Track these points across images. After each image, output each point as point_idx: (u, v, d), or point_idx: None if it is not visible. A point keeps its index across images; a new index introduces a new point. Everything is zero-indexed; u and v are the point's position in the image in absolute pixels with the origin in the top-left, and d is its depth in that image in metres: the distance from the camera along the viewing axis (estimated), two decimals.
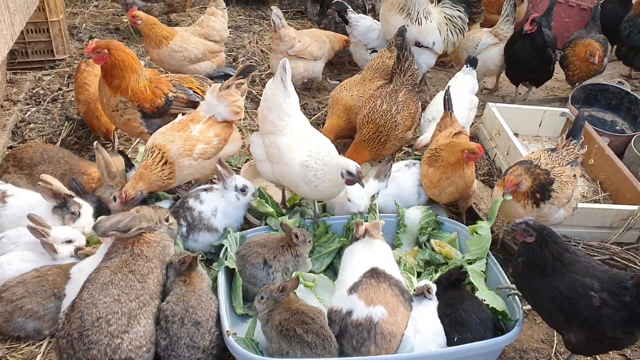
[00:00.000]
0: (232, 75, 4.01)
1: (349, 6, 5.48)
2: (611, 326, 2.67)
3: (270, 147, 3.50)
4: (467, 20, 5.44)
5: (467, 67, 4.72)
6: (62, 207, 3.36)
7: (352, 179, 3.28)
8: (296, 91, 3.55)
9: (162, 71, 4.99)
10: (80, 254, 3.18)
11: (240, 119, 3.96)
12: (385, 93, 4.21)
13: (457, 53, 5.56)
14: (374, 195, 3.71)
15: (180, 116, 3.85)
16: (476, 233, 3.38)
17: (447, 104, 4.05)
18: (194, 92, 4.11)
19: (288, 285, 2.83)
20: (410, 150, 4.82)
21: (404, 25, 4.74)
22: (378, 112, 4.07)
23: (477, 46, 5.45)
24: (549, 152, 3.53)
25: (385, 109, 4.08)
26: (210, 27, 5.13)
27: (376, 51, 5.28)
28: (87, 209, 3.44)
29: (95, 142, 3.67)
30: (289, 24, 5.45)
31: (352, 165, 3.29)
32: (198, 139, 3.64)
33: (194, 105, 4.03)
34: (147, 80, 3.93)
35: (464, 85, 4.59)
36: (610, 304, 2.65)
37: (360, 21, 5.42)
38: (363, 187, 3.39)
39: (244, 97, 3.84)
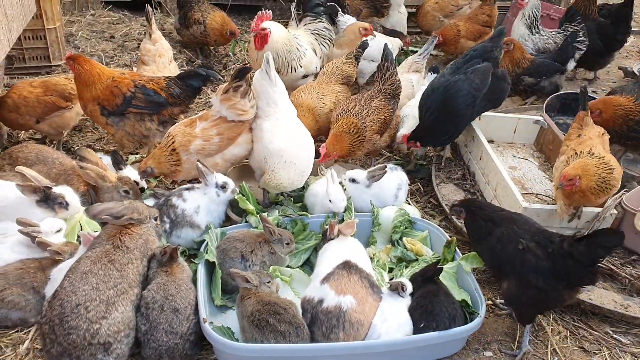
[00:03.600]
0: (201, 75, 4.31)
1: (340, 9, 5.74)
2: (534, 273, 3.02)
3: (255, 129, 3.94)
4: (332, 30, 5.53)
5: (430, 73, 4.97)
6: (46, 200, 3.47)
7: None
8: None
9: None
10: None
11: (248, 119, 3.96)
12: (362, 98, 4.42)
13: None
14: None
15: (201, 112, 4.12)
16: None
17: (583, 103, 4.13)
18: (156, 92, 4.25)
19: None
20: (391, 155, 5.02)
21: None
22: (350, 112, 4.28)
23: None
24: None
25: (358, 110, 4.29)
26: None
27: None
28: (69, 193, 3.55)
29: (75, 162, 3.82)
30: None
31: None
32: (196, 135, 3.89)
33: (155, 105, 4.25)
34: (109, 80, 4.20)
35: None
36: (534, 252, 3.04)
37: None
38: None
39: (248, 97, 3.87)
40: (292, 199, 4.15)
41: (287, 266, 3.55)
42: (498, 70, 4.54)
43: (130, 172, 4.02)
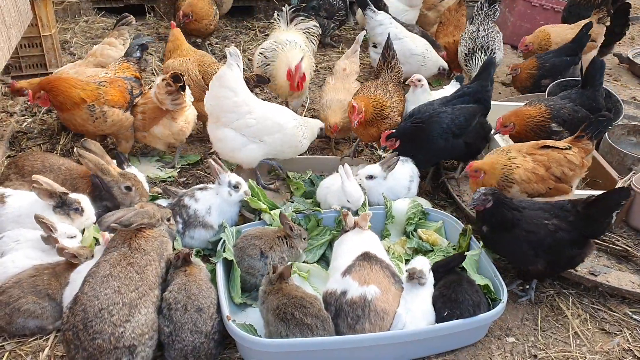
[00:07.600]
0: (140, 44, 4.85)
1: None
2: (570, 247, 3.24)
3: (261, 121, 3.97)
4: (319, 28, 5.62)
5: (454, 81, 5.06)
6: (62, 205, 3.45)
7: (321, 134, 4.38)
8: None
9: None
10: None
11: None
12: (376, 84, 4.52)
13: None
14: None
15: None
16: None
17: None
18: (136, 78, 4.58)
19: (286, 273, 2.97)
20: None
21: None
22: (375, 95, 4.36)
23: None
24: None
25: (380, 93, 4.37)
26: (106, 55, 5.07)
27: (375, 46, 5.87)
28: (85, 201, 3.55)
29: (75, 149, 3.79)
30: None
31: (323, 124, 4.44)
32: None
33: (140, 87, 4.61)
34: (106, 84, 4.28)
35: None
36: (562, 227, 3.22)
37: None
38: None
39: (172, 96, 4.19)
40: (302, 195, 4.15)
41: (304, 262, 3.54)
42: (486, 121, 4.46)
43: (134, 172, 3.96)
